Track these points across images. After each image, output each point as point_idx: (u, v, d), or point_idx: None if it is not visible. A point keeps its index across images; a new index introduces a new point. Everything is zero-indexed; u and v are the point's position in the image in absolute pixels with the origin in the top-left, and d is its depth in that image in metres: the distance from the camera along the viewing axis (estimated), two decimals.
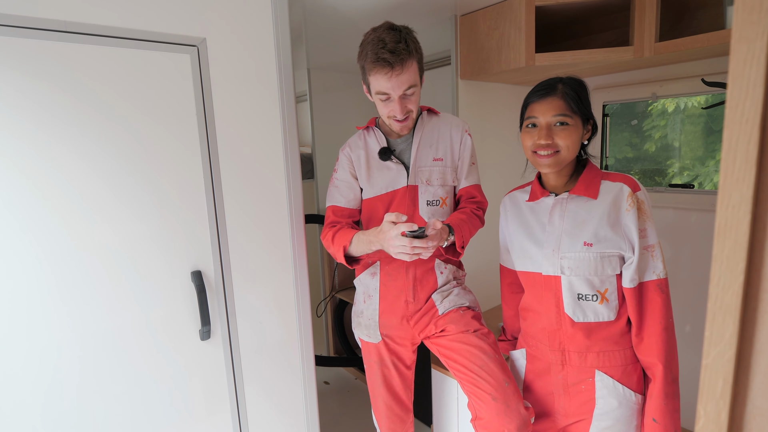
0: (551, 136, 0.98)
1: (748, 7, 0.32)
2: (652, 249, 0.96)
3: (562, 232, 1.02)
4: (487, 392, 1.12)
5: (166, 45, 1.01)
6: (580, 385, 1.04)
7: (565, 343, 1.04)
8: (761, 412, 0.36)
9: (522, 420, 1.09)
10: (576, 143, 0.99)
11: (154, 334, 1.05)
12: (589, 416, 1.03)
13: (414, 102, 1.18)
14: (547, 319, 1.07)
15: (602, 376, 1.01)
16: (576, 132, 0.98)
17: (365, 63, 1.13)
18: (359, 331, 1.35)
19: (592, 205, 1.00)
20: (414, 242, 1.01)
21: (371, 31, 1.14)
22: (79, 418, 0.98)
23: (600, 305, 1.00)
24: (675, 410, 0.95)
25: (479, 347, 1.18)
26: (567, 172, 1.05)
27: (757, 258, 0.35)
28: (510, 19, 1.51)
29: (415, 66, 1.13)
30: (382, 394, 1.35)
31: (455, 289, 1.31)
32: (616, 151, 1.96)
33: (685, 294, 1.75)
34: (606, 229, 0.98)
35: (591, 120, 1.02)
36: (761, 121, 0.33)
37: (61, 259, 0.93)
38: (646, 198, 0.98)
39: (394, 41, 1.08)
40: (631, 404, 1.00)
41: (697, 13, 1.48)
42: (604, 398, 1.01)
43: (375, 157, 1.27)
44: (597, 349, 1.01)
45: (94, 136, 0.94)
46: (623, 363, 1.01)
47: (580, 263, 0.99)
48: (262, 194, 1.19)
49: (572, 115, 0.98)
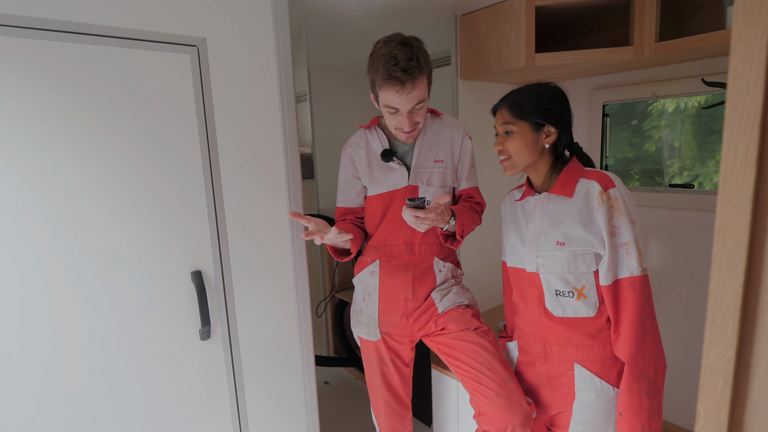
0: (502, 143, 1.06)
1: (748, 7, 0.32)
2: (626, 246, 0.96)
3: (540, 230, 1.06)
4: (490, 388, 1.14)
5: (166, 45, 1.01)
6: (561, 377, 1.07)
7: (546, 336, 1.08)
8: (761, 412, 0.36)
9: (525, 415, 1.11)
10: (525, 147, 1.04)
11: (154, 334, 1.05)
12: (569, 408, 1.06)
13: (422, 115, 1.19)
14: (530, 312, 1.10)
15: (581, 370, 1.04)
16: (521, 137, 1.03)
17: (376, 77, 1.13)
18: (358, 329, 1.36)
19: (567, 203, 1.03)
20: (415, 212, 1.05)
21: (382, 44, 1.12)
22: (79, 418, 0.98)
23: (577, 302, 1.03)
24: (644, 408, 0.96)
25: (480, 345, 1.20)
26: (543, 172, 1.08)
27: (757, 258, 0.35)
28: (510, 19, 1.51)
29: (425, 82, 1.14)
30: (381, 391, 1.36)
31: (454, 287, 1.33)
32: (616, 151, 1.96)
33: (684, 294, 1.75)
34: (577, 228, 1.00)
35: (546, 124, 1.04)
36: (761, 121, 0.33)
37: (62, 259, 0.93)
38: (621, 195, 0.98)
39: (407, 58, 1.08)
40: (610, 398, 1.02)
41: (697, 13, 1.48)
42: (583, 391, 1.04)
43: (376, 156, 1.29)
44: (576, 343, 1.04)
45: (94, 136, 0.94)
46: (602, 358, 1.03)
47: (553, 261, 1.03)
48: (262, 194, 1.19)
49: (516, 121, 1.04)
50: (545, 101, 1.04)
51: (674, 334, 1.81)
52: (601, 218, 0.97)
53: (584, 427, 1.05)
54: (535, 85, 1.06)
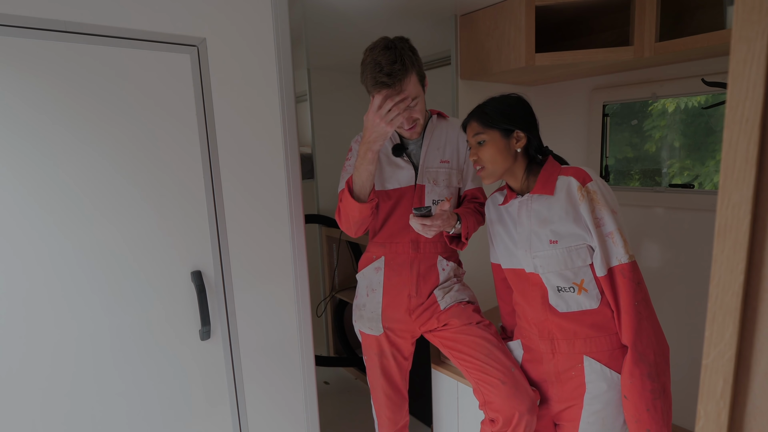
0: (476, 153, 1.10)
1: (748, 7, 0.32)
2: (611, 236, 1.00)
3: (530, 232, 1.08)
4: (495, 378, 1.16)
5: (166, 45, 1.01)
6: (570, 371, 1.09)
7: (554, 332, 1.09)
8: (761, 412, 0.36)
9: (531, 401, 1.14)
10: (498, 154, 1.07)
11: (154, 334, 1.06)
12: (580, 401, 1.08)
13: (419, 111, 1.22)
14: (534, 311, 1.12)
15: (590, 361, 1.06)
16: (494, 145, 1.07)
17: (366, 85, 1.17)
18: (360, 324, 1.39)
19: (551, 201, 1.05)
20: (422, 220, 1.10)
21: (368, 52, 1.16)
22: (79, 418, 0.98)
23: (579, 296, 1.05)
24: (647, 390, 0.98)
25: (483, 337, 1.23)
26: (519, 175, 1.10)
27: (757, 258, 0.35)
28: (510, 19, 1.51)
29: (414, 78, 1.16)
30: (382, 384, 1.40)
31: (455, 285, 1.36)
32: (616, 151, 1.96)
33: (684, 294, 1.75)
34: (567, 224, 1.03)
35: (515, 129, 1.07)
36: (761, 121, 0.33)
37: (62, 259, 0.93)
38: (599, 188, 1.01)
39: (390, 62, 1.11)
40: (620, 388, 1.04)
41: (697, 13, 1.48)
42: (594, 382, 1.05)
43: (386, 151, 1.32)
44: (583, 335, 1.06)
45: (94, 136, 0.94)
46: (609, 348, 1.05)
47: (549, 260, 1.05)
48: (262, 194, 1.19)
49: (486, 130, 1.08)
50: (511, 108, 1.08)
51: (674, 335, 1.81)
52: (585, 212, 1.00)
53: (596, 418, 1.06)
54: (499, 96, 1.12)
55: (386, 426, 1.46)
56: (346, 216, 1.24)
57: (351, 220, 1.23)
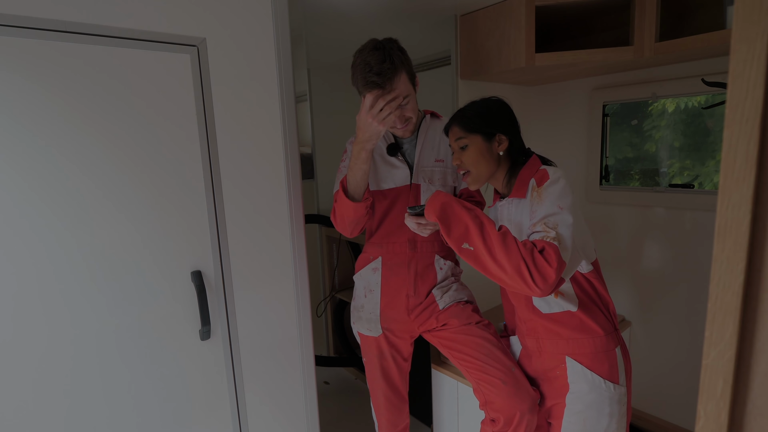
0: (459, 157, 1.10)
1: (748, 7, 0.32)
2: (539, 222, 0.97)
3: None
4: (496, 377, 1.17)
5: (165, 45, 1.01)
6: (555, 370, 1.11)
7: (538, 331, 1.11)
8: (761, 412, 0.36)
9: (532, 400, 1.14)
10: (481, 158, 1.08)
11: (154, 334, 1.05)
12: (563, 399, 1.09)
13: (411, 109, 1.22)
14: (521, 310, 1.15)
15: (572, 362, 1.07)
16: (476, 149, 1.08)
17: (357, 86, 1.19)
18: (359, 325, 1.39)
19: (522, 204, 1.06)
20: (417, 219, 1.12)
21: (358, 54, 1.18)
22: (79, 418, 0.98)
23: (556, 299, 1.06)
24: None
25: (483, 337, 1.24)
26: (500, 178, 1.12)
27: (757, 258, 0.35)
28: (510, 19, 1.51)
29: (404, 76, 1.17)
30: (382, 386, 1.40)
31: (453, 284, 1.36)
32: (616, 151, 1.96)
33: (684, 294, 1.75)
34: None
35: (496, 132, 1.08)
36: (761, 121, 0.33)
37: (62, 259, 0.93)
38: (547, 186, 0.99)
39: (379, 62, 1.12)
40: (602, 390, 1.04)
41: (697, 13, 1.48)
42: (576, 383, 1.07)
43: (380, 151, 1.32)
44: (566, 336, 1.07)
45: (94, 136, 0.94)
46: (593, 350, 1.05)
47: None
48: (262, 194, 1.19)
49: (467, 135, 1.08)
50: (491, 112, 1.09)
51: (674, 335, 1.81)
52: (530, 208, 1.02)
53: (577, 418, 1.07)
54: (480, 100, 1.13)
55: (386, 429, 1.46)
56: (341, 216, 1.24)
57: (346, 219, 1.24)
